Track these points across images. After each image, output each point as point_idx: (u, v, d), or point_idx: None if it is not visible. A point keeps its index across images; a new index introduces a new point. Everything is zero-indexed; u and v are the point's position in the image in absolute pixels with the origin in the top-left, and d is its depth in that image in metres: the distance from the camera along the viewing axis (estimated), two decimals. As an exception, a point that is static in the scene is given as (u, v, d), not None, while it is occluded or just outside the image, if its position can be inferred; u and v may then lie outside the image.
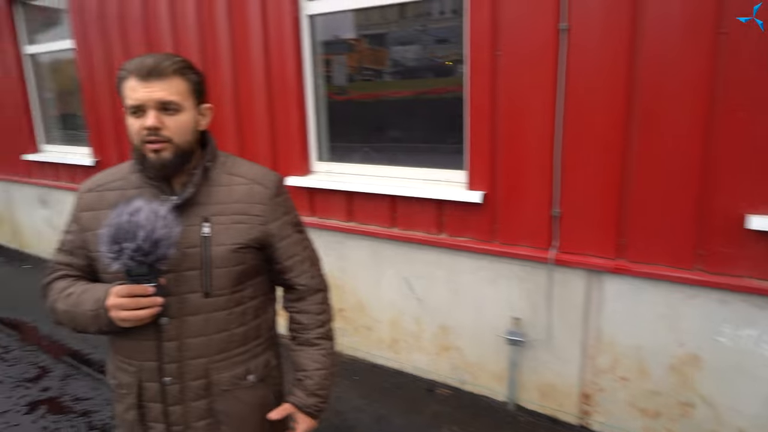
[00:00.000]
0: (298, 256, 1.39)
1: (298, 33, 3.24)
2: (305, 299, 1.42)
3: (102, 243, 1.11)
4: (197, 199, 1.27)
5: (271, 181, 1.36)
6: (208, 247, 1.25)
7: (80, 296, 1.23)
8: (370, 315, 3.32)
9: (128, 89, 1.18)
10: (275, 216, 1.34)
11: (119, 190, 1.29)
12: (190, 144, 1.26)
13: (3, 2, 5.26)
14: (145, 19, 3.97)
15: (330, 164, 3.42)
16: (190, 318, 1.26)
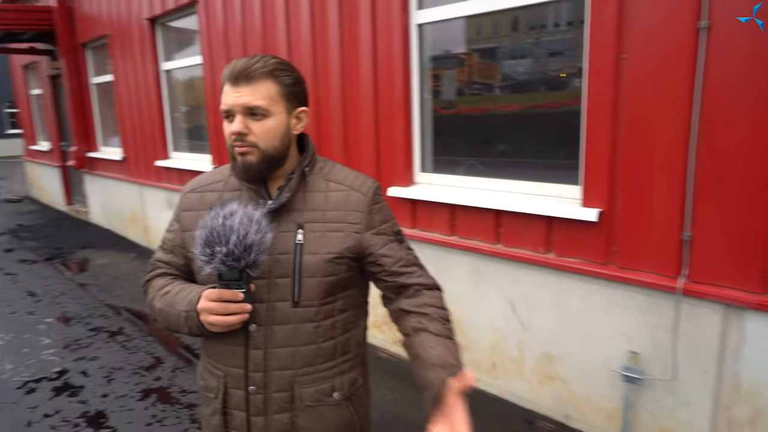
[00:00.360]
0: (404, 260, 1.29)
1: (407, 43, 3.21)
2: (424, 294, 1.26)
3: (195, 245, 1.10)
4: (293, 205, 1.24)
5: (368, 188, 1.29)
6: (300, 255, 1.21)
7: (175, 296, 1.23)
8: (468, 335, 3.16)
9: (223, 93, 1.19)
10: (372, 224, 1.27)
11: (218, 192, 1.29)
12: (279, 150, 1.21)
13: (147, 24, 5.86)
14: (264, 34, 4.19)
15: (433, 176, 3.33)
16: (278, 327, 1.22)
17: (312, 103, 3.85)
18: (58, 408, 3.14)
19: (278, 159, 1.22)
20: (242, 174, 1.20)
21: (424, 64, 3.26)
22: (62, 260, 6.44)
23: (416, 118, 3.31)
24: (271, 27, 4.11)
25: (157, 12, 5.61)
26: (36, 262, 6.38)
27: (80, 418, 3.03)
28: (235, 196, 1.26)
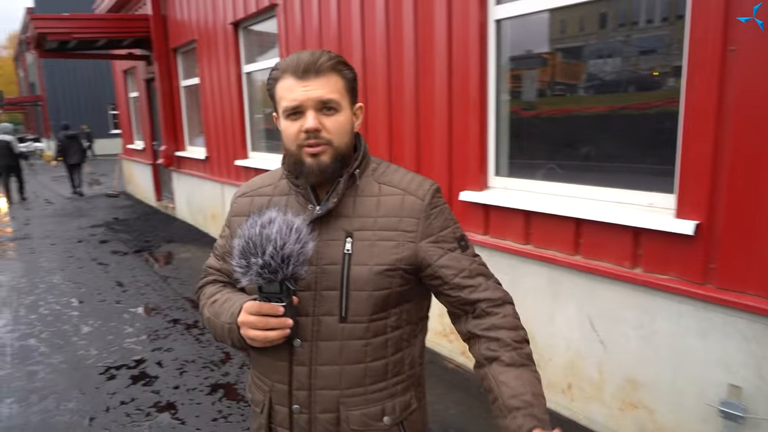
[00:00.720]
0: (466, 270, 1.15)
1: (484, 40, 3.05)
2: (494, 313, 1.13)
3: (233, 255, 1.03)
4: (341, 211, 1.14)
5: (425, 191, 1.17)
6: (348, 267, 1.11)
7: (221, 306, 1.17)
8: (542, 351, 2.95)
9: (283, 89, 1.09)
10: (429, 231, 1.15)
11: (268, 196, 1.22)
12: (348, 147, 1.15)
13: (231, 29, 6.07)
14: (339, 35, 4.18)
15: (508, 180, 3.15)
16: (324, 343, 1.13)
17: (384, 104, 3.78)
18: (134, 396, 3.28)
19: (347, 157, 1.14)
20: (317, 177, 1.11)
21: (501, 62, 3.09)
22: (149, 253, 6.84)
23: (491, 120, 3.14)
24: (346, 28, 4.09)
25: (240, 16, 5.79)
26: (126, 254, 6.82)
27: (152, 408, 3.15)
28: (284, 201, 1.19)
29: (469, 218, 3.27)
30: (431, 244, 1.14)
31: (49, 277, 5.90)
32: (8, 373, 3.64)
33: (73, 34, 7.60)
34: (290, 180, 1.17)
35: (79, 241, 7.67)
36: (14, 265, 6.47)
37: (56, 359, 3.83)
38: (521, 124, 3.18)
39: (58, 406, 3.20)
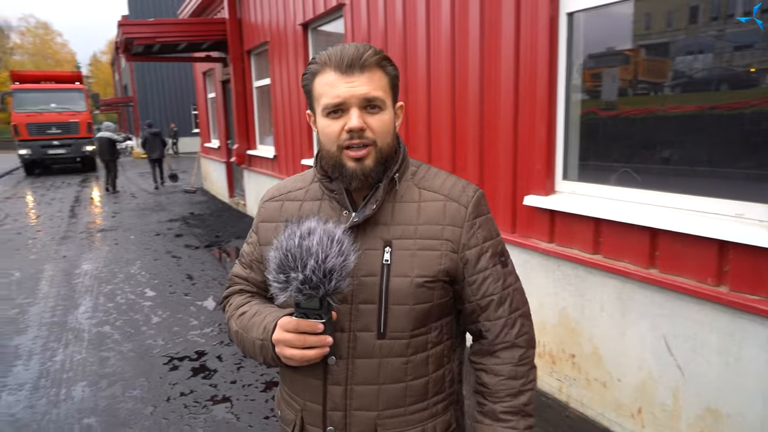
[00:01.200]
0: (495, 295, 1.07)
1: (554, 34, 2.86)
2: (496, 355, 1.09)
3: (269, 269, 0.96)
4: (379, 218, 1.06)
5: (469, 198, 1.08)
6: (387, 278, 1.03)
7: (251, 319, 1.10)
8: (609, 370, 2.72)
9: (324, 85, 1.01)
10: (472, 242, 1.06)
11: (299, 201, 1.15)
12: (392, 148, 1.06)
13: (300, 30, 6.16)
14: (404, 33, 4.10)
15: (577, 184, 2.94)
16: (361, 361, 1.05)
17: (448, 103, 3.66)
18: (193, 388, 3.37)
19: (389, 160, 1.06)
20: (360, 182, 1.03)
21: (572, 58, 2.88)
22: (219, 248, 7.09)
23: (560, 120, 2.94)
24: (411, 26, 4.00)
25: (309, 17, 5.86)
26: (198, 248, 7.11)
27: (209, 401, 3.21)
28: (316, 207, 1.11)
29: (533, 224, 3.09)
30: (471, 256, 1.06)
31: (127, 267, 6.26)
32: (84, 357, 3.87)
33: (157, 38, 8.03)
34: (323, 184, 1.10)
35: (157, 234, 8.10)
36: (99, 254, 6.92)
37: (126, 347, 4.03)
38: (593, 125, 2.96)
39: (124, 393, 3.35)
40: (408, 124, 4.18)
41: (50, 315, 4.75)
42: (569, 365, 2.95)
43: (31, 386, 3.46)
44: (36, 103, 17.92)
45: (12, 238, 8.08)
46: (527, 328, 1.11)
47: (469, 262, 1.06)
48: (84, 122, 18.66)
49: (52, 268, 6.29)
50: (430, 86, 3.85)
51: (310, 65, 1.05)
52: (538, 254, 3.04)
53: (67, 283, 5.71)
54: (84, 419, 3.07)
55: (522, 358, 1.09)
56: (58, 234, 8.29)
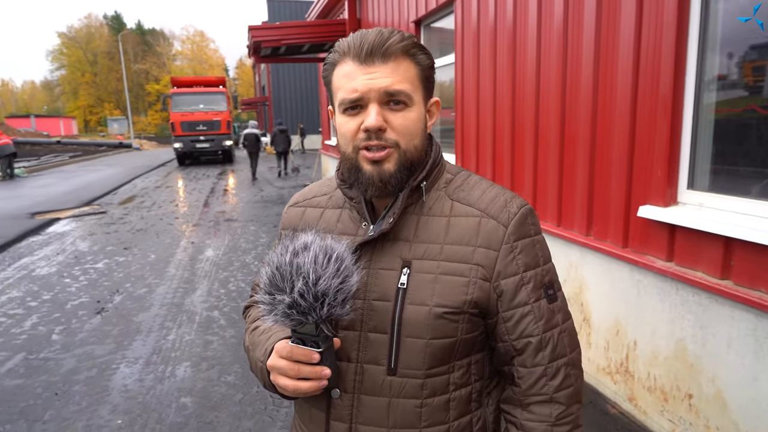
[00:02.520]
0: (534, 337, 0.88)
1: (684, 18, 2.44)
2: (529, 409, 0.90)
3: (258, 288, 0.85)
4: (400, 233, 0.91)
5: (510, 215, 0.89)
6: (401, 305, 0.88)
7: (259, 336, 0.99)
8: (735, 420, 2.26)
9: (342, 76, 0.88)
10: (510, 269, 0.87)
11: (321, 208, 1.03)
12: (419, 151, 0.91)
13: (414, 27, 6.08)
14: (514, 25, 3.83)
15: (706, 195, 2.49)
16: (368, 398, 0.91)
17: (557, 100, 3.34)
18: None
19: (417, 165, 0.91)
20: (378, 190, 0.89)
21: (705, 48, 2.44)
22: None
23: (687, 120, 2.51)
24: (522, 19, 3.72)
25: (421, 14, 5.76)
26: (308, 242, 7.37)
27: (293, 396, 3.25)
28: (336, 216, 0.99)
29: (648, 239, 2.68)
30: (508, 287, 0.87)
31: (243, 256, 6.67)
32: (191, 339, 4.15)
33: (282, 41, 8.47)
34: (342, 190, 0.97)
35: (275, 226, 8.55)
36: (221, 242, 7.48)
37: (229, 333, 4.25)
38: (730, 126, 2.48)
39: (220, 377, 3.52)
40: (515, 123, 3.90)
41: (171, 296, 5.19)
42: (685, 406, 2.52)
43: (144, 361, 3.79)
44: (188, 104, 20.95)
45: (155, 223, 9.05)
46: (572, 381, 0.91)
47: (505, 293, 0.88)
48: (224, 121, 21.29)
49: (180, 253, 6.91)
50: (539, 82, 3.54)
51: (329, 54, 0.92)
52: (653, 274, 2.64)
53: (190, 267, 6.23)
54: (181, 398, 3.27)
55: (561, 416, 0.89)
56: (192, 221, 9.12)
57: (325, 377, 0.84)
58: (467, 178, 0.96)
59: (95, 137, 48.17)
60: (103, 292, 5.38)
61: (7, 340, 4.21)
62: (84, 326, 4.46)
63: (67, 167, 21.77)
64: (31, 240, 7.94)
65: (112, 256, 6.83)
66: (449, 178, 0.96)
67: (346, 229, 0.96)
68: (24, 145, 30.16)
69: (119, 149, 34.17)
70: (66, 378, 3.55)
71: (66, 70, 73.23)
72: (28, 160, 23.28)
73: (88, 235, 8.19)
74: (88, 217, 9.88)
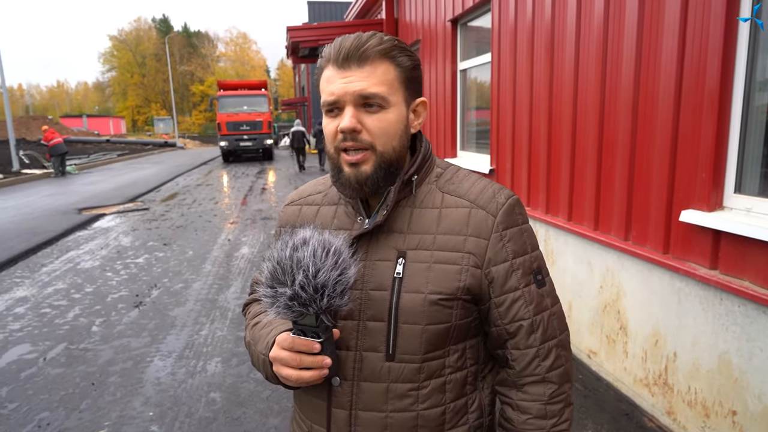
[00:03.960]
0: (525, 320, 0.93)
1: (733, 10, 2.31)
2: (524, 390, 0.95)
3: (260, 282, 0.87)
4: (394, 225, 0.95)
5: (498, 205, 0.93)
6: (398, 293, 0.91)
7: (260, 330, 1.02)
8: (785, 440, 2.12)
9: (324, 80, 0.93)
10: (500, 257, 0.91)
11: (316, 206, 1.07)
12: (398, 152, 0.94)
13: (450, 26, 6.02)
14: (552, 24, 3.72)
15: (754, 200, 2.34)
16: (367, 384, 0.94)
17: (596, 100, 3.22)
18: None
19: (396, 165, 0.94)
20: (354, 191, 0.93)
21: (758, 39, 2.29)
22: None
23: (735, 118, 2.37)
24: (560, 18, 3.60)
25: (458, 12, 5.68)
26: (342, 241, 7.40)
27: (320, 395, 3.25)
28: (332, 212, 1.02)
29: (690, 246, 2.54)
30: (498, 273, 0.91)
31: (277, 254, 6.74)
32: (223, 335, 4.22)
33: (319, 41, 8.53)
34: (336, 187, 0.99)
35: (309, 225, 8.62)
36: (257, 240, 7.59)
37: (260, 330, 4.29)
38: (784, 124, 2.33)
39: (249, 374, 3.55)
40: (551, 124, 3.79)
41: (206, 292, 5.30)
42: (728, 423, 2.37)
43: (177, 355, 3.87)
44: (233, 106, 22.55)
45: (194, 220, 9.28)
46: (562, 361, 0.96)
47: (496, 280, 0.92)
48: (266, 121, 22.63)
49: (217, 250, 7.05)
50: (577, 81, 3.43)
51: (318, 60, 0.97)
52: (695, 282, 2.50)
53: (226, 264, 6.34)
54: (211, 393, 3.32)
55: (554, 395, 0.94)
56: (229, 219, 9.31)
57: (326, 366, 0.87)
58: (456, 171, 1.00)
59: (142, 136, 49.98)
60: (142, 286, 5.54)
61: (51, 330, 4.38)
62: (122, 319, 4.60)
63: (114, 165, 22.65)
64: (77, 234, 8.27)
65: (152, 251, 7.04)
66: (439, 172, 0.99)
67: (342, 225, 0.99)
68: (76, 144, 31.57)
69: (164, 148, 35.30)
70: (103, 369, 3.66)
71: (116, 72, 76.30)
72: (79, 157, 24.34)
73: (131, 231, 8.46)
74: (131, 213, 10.22)
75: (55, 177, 17.18)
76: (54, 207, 10.77)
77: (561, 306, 0.99)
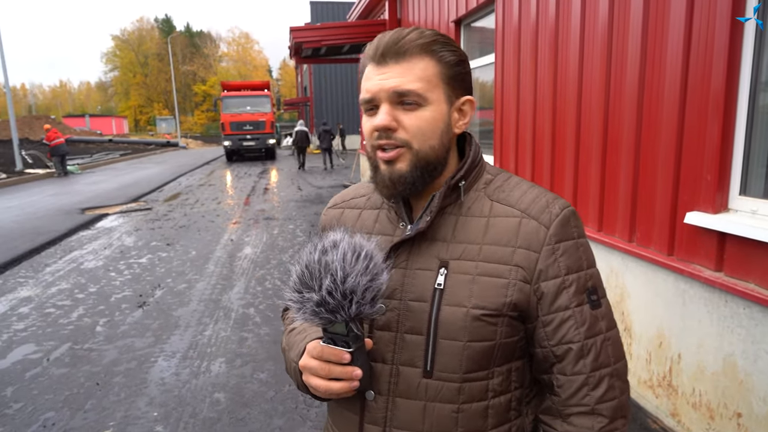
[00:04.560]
0: (575, 343, 0.85)
1: (740, 9, 2.30)
2: (569, 420, 0.86)
3: (288, 285, 0.84)
4: (438, 233, 0.90)
5: (552, 216, 0.87)
6: (438, 306, 0.86)
7: (295, 337, 0.98)
8: (790, 443, 2.12)
9: (363, 79, 0.90)
10: (552, 272, 0.85)
11: (359, 209, 1.03)
12: (437, 152, 0.88)
13: (454, 27, 6.01)
14: (556, 24, 3.71)
15: (759, 202, 2.34)
16: (403, 401, 0.89)
17: (600, 100, 3.22)
18: (312, 380, 3.45)
19: (435, 166, 0.89)
20: (388, 190, 0.89)
21: (764, 39, 2.29)
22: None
23: (741, 119, 2.37)
24: (564, 18, 3.60)
25: (461, 13, 5.68)
26: (344, 241, 7.39)
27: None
28: (374, 216, 0.98)
29: (695, 247, 2.54)
30: (549, 290, 0.84)
31: (280, 254, 6.75)
32: (227, 335, 4.22)
33: (322, 41, 8.54)
34: (376, 189, 0.95)
35: (313, 225, 8.64)
36: (260, 240, 7.60)
37: (264, 330, 4.31)
38: (790, 126, 2.32)
39: (253, 374, 3.56)
40: (555, 124, 3.78)
41: (210, 292, 5.31)
42: (733, 425, 2.37)
43: (181, 355, 3.87)
44: (237, 107, 23.11)
45: (197, 220, 9.29)
46: (616, 393, 0.86)
47: (545, 296, 0.85)
48: (268, 121, 23.07)
49: (220, 250, 7.06)
50: (581, 81, 3.42)
51: (361, 58, 0.93)
52: (700, 284, 2.50)
53: (229, 264, 6.35)
54: (215, 393, 3.32)
55: (603, 430, 0.85)
56: (232, 219, 9.32)
57: (357, 378, 0.83)
58: (507, 179, 0.94)
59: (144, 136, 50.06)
60: (146, 286, 5.55)
61: (55, 330, 4.39)
62: (126, 319, 4.61)
63: (117, 164, 22.69)
64: (81, 234, 8.29)
65: (156, 251, 7.05)
66: (489, 178, 0.94)
67: (384, 230, 0.96)
68: (78, 143, 31.60)
69: (166, 148, 35.34)
70: (107, 369, 3.67)
71: (119, 72, 76.43)
72: (81, 157, 24.38)
73: (134, 231, 8.48)
74: (134, 213, 10.24)
75: (58, 177, 17.22)
76: (57, 207, 10.80)
77: (618, 331, 0.91)
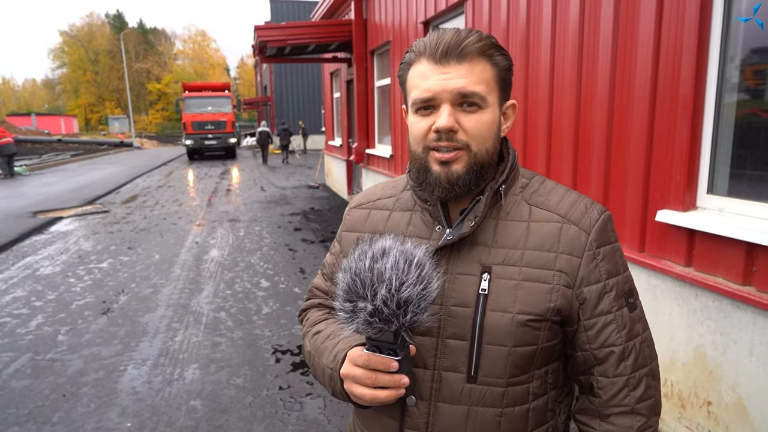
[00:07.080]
0: (617, 346, 0.87)
1: (706, 17, 2.42)
2: (609, 420, 0.89)
3: (336, 294, 0.81)
4: (479, 238, 0.90)
5: (592, 222, 0.89)
6: (483, 312, 0.86)
7: (324, 342, 0.97)
8: (757, 427, 2.23)
9: (416, 76, 0.87)
10: (593, 277, 0.87)
11: (387, 210, 1.01)
12: (491, 155, 0.89)
13: (422, 28, 6.05)
14: (527, 27, 3.80)
15: (726, 200, 2.47)
16: (445, 406, 0.89)
17: (572, 101, 3.31)
18: (291, 383, 3.42)
19: (487, 169, 0.89)
20: (444, 191, 0.87)
21: (728, 44, 2.41)
22: (332, 244, 7.26)
23: (708, 122, 2.49)
24: (535, 20, 3.69)
25: (430, 15, 5.73)
26: (313, 243, 7.34)
27: (304, 398, 3.23)
28: (406, 219, 0.96)
29: (666, 244, 2.65)
30: (590, 294, 0.87)
31: (248, 257, 6.64)
32: (199, 341, 4.12)
33: (287, 40, 8.44)
34: (416, 192, 0.95)
35: (279, 226, 8.53)
36: (226, 243, 7.45)
37: (237, 334, 4.22)
38: (753, 129, 2.45)
39: (229, 380, 3.49)
40: (527, 125, 3.87)
41: (177, 297, 5.16)
42: (703, 413, 2.49)
43: (152, 363, 3.75)
44: (198, 107, 23.70)
45: (158, 223, 9.02)
46: (653, 392, 0.90)
47: (588, 301, 0.87)
48: (229, 121, 23.60)
49: (185, 253, 6.87)
50: (552, 83, 3.51)
51: (406, 54, 0.91)
52: (671, 279, 2.61)
53: (195, 267, 6.20)
54: (191, 401, 3.24)
55: (642, 428, 0.88)
56: (195, 221, 9.09)
57: (404, 386, 0.82)
58: (543, 182, 0.95)
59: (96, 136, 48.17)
60: (108, 292, 5.35)
61: (13, 341, 4.18)
62: (90, 327, 4.43)
63: (68, 166, 21.75)
64: (34, 239, 7.92)
65: (117, 255, 6.81)
66: (525, 182, 0.94)
67: (418, 233, 0.94)
68: (25, 144, 30.14)
69: (120, 148, 34.15)
70: (73, 379, 3.52)
71: (67, 69, 73.24)
72: (29, 158, 23.26)
73: (92, 235, 8.16)
74: (90, 216, 9.85)
75: (4, 178, 16.37)
76: (6, 210, 10.26)
77: (651, 332, 0.94)
